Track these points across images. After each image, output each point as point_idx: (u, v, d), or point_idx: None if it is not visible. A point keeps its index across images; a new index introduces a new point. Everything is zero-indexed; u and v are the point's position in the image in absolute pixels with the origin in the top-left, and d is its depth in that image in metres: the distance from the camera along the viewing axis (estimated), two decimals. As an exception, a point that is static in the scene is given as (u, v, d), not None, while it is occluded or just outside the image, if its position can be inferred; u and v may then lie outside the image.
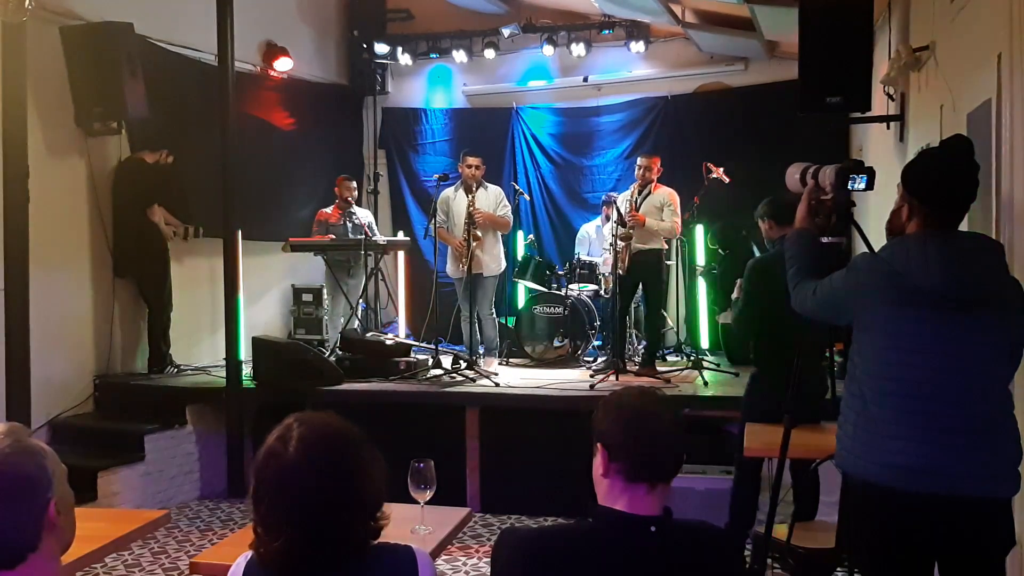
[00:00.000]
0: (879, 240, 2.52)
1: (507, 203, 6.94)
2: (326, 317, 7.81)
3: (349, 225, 7.33)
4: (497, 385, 6.07)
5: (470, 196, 6.73)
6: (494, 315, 7.08)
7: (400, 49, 8.83)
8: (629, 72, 8.66)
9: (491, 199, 6.85)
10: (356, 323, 7.30)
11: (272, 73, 8.01)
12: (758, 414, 4.03)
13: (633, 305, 7.07)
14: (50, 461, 1.44)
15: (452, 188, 6.96)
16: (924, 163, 2.41)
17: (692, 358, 6.59)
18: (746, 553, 3.85)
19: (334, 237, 7.25)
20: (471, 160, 6.81)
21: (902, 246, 2.33)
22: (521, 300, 7.80)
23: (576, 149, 8.83)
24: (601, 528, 1.73)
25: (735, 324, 4.44)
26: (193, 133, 6.68)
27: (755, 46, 7.67)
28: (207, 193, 6.43)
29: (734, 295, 4.36)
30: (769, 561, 3.46)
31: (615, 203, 6.70)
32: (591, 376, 6.26)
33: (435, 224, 6.66)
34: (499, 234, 6.99)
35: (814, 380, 3.98)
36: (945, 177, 2.35)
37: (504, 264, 7.10)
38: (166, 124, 6.49)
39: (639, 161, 6.75)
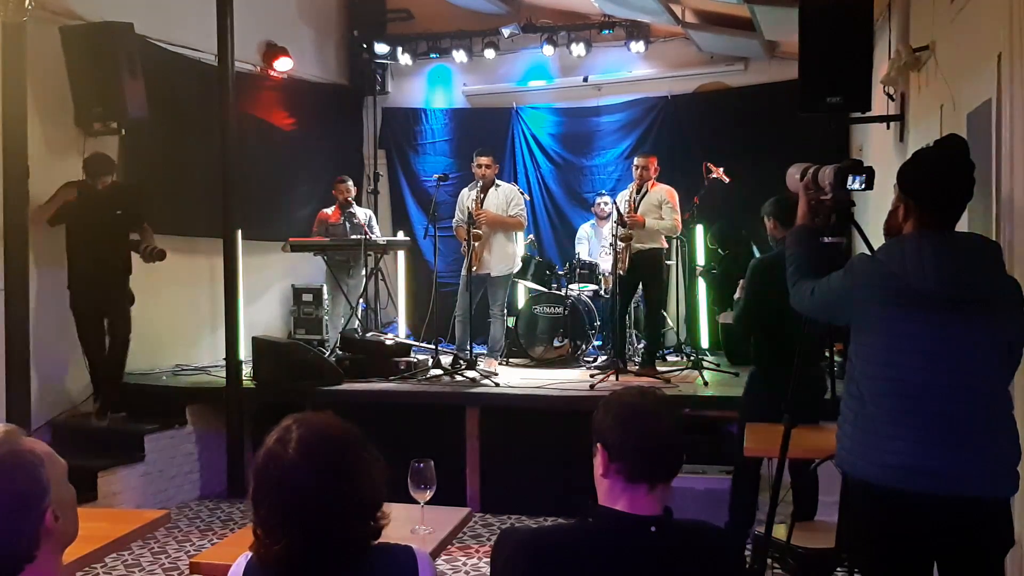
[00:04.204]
0: (879, 240, 2.52)
1: (520, 203, 6.83)
2: (326, 317, 7.81)
3: (349, 225, 7.33)
4: (497, 385, 6.07)
5: (479, 195, 6.71)
6: (504, 316, 7.04)
7: (400, 49, 8.84)
8: (629, 72, 8.66)
9: (502, 199, 6.78)
10: (356, 323, 7.30)
11: (272, 73, 8.02)
12: (757, 413, 4.04)
13: (633, 305, 7.07)
14: (46, 467, 1.42)
15: (468, 187, 6.93)
16: (919, 163, 2.41)
17: (692, 358, 6.59)
18: (746, 553, 3.86)
19: (334, 237, 7.25)
20: (480, 159, 6.77)
21: (898, 246, 2.34)
22: (521, 300, 7.80)
23: (576, 149, 8.83)
24: (601, 528, 1.73)
25: (736, 323, 4.45)
26: (193, 133, 6.68)
27: (755, 46, 7.67)
28: (207, 193, 6.43)
29: (736, 295, 4.36)
30: (769, 561, 3.46)
31: (614, 203, 6.70)
32: (591, 376, 6.26)
33: (436, 224, 6.65)
34: (511, 234, 6.92)
35: (814, 380, 4.00)
36: (940, 177, 2.35)
37: (518, 264, 7.04)
38: (166, 124, 6.49)
39: (636, 161, 6.76)
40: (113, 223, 5.77)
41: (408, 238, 8.27)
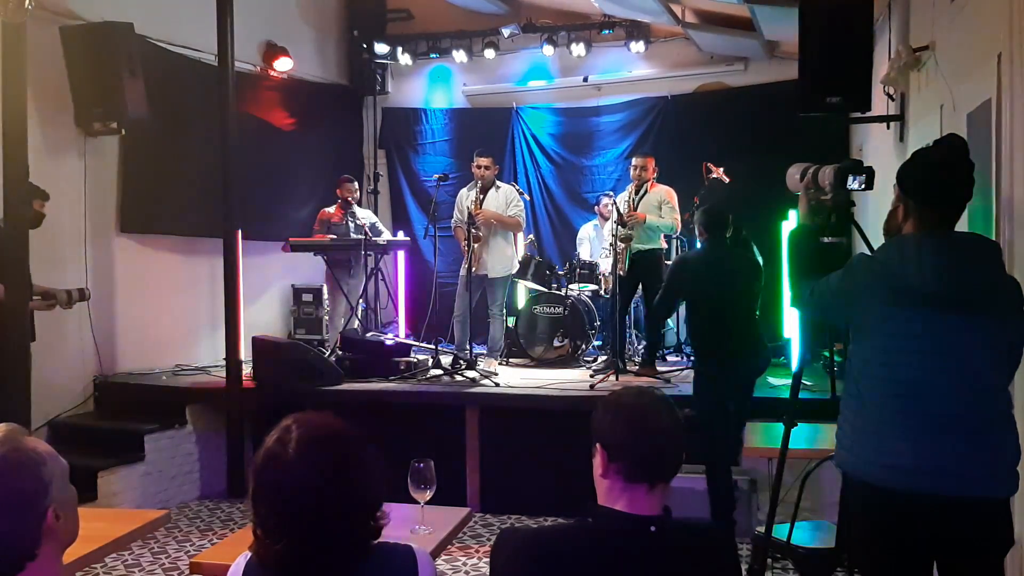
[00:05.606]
0: (879, 240, 2.52)
1: (519, 203, 6.84)
2: (326, 317, 7.81)
3: (351, 225, 7.34)
4: (497, 385, 6.07)
5: (477, 196, 6.71)
6: (504, 316, 7.04)
7: (400, 49, 8.84)
8: (629, 72, 8.66)
9: (501, 199, 6.79)
10: (356, 323, 7.30)
11: (272, 73, 8.02)
12: (706, 409, 4.55)
13: (633, 305, 7.07)
14: (47, 467, 1.43)
15: (467, 187, 6.93)
16: (918, 163, 2.41)
17: (692, 358, 6.58)
18: (745, 552, 3.87)
19: (335, 237, 7.26)
20: (480, 160, 6.77)
21: (898, 246, 2.34)
22: (521, 300, 7.80)
23: (576, 149, 8.83)
24: (601, 528, 1.73)
25: (652, 313, 4.86)
26: (193, 133, 6.68)
27: (755, 46, 7.67)
28: (207, 193, 6.43)
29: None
30: (769, 561, 3.46)
31: (614, 203, 6.71)
32: (591, 376, 6.26)
33: (436, 224, 6.66)
34: (510, 235, 6.93)
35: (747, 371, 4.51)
36: (938, 177, 2.34)
37: (516, 265, 7.05)
38: (166, 124, 6.50)
39: (634, 161, 6.78)
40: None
41: (408, 238, 8.27)
